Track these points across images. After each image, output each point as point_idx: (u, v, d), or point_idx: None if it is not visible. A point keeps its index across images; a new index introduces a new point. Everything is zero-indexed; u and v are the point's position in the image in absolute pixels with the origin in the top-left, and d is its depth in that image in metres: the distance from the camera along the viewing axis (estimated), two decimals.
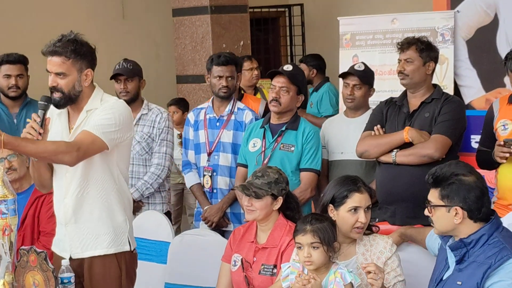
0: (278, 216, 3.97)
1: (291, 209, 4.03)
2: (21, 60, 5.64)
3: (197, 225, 5.17)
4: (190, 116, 5.27)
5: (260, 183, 3.94)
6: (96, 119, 3.69)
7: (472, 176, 3.29)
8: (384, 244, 3.61)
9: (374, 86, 5.07)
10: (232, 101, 5.15)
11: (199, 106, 5.35)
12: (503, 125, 4.52)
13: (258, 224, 4.01)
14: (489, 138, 4.51)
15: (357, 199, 3.59)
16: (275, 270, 3.86)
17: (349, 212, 3.57)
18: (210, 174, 5.07)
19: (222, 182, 5.05)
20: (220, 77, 5.09)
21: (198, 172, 5.19)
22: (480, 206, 3.25)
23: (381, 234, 3.73)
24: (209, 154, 5.09)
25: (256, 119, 5.09)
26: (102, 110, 3.72)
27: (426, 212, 3.36)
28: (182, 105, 7.19)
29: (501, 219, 3.45)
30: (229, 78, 5.10)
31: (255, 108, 5.47)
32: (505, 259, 3.14)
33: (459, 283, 3.22)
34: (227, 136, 5.07)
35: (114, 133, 3.72)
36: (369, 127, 4.71)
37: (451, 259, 3.34)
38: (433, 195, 3.32)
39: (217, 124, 5.12)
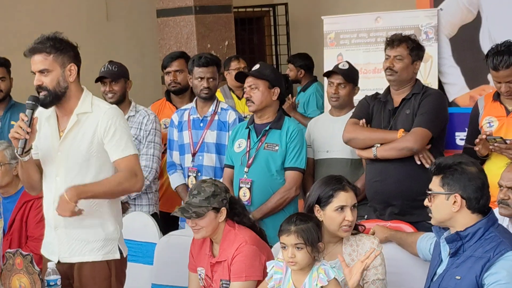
0: (223, 226, 3.90)
1: (237, 215, 3.97)
2: (2, 63, 5.62)
3: (182, 226, 5.17)
4: (174, 117, 5.27)
5: (198, 201, 3.84)
6: (119, 138, 3.72)
7: (475, 167, 3.33)
8: (370, 244, 3.61)
9: (359, 85, 5.09)
10: (215, 102, 5.16)
11: (182, 107, 5.35)
12: (489, 122, 4.56)
13: (210, 237, 3.95)
14: (475, 135, 4.53)
15: (343, 198, 3.59)
16: None
17: (336, 212, 3.57)
18: (194, 175, 5.07)
19: None
20: (202, 78, 5.10)
21: (183, 172, 5.18)
22: (479, 197, 3.27)
23: (367, 234, 3.74)
24: (194, 155, 5.09)
25: (240, 119, 5.09)
26: (112, 126, 3.72)
27: (426, 202, 3.37)
28: None
29: None
30: (211, 79, 5.11)
31: None
32: (503, 253, 3.17)
33: (458, 277, 3.23)
34: (211, 136, 5.07)
35: (131, 138, 3.84)
36: (357, 115, 4.73)
37: (444, 253, 3.36)
38: (434, 183, 3.34)
39: (201, 124, 5.13)
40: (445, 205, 3.30)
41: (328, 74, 5.05)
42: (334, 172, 4.29)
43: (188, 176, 5.11)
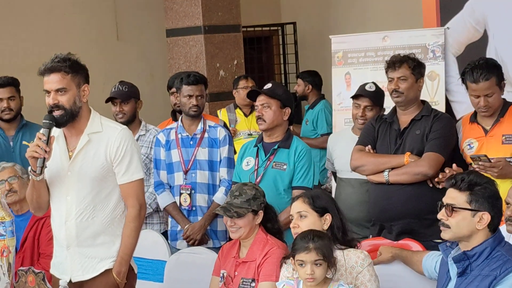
0: (258, 230, 4.06)
1: (270, 220, 4.12)
2: (10, 83, 5.67)
3: (174, 245, 5.14)
4: (160, 136, 5.24)
5: (239, 202, 4.02)
6: (129, 162, 3.80)
7: (496, 187, 3.33)
8: (355, 259, 3.63)
9: None
10: (202, 120, 5.20)
11: (168, 127, 5.36)
12: (469, 145, 4.58)
13: (241, 240, 4.08)
14: (459, 160, 4.55)
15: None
16: (253, 284, 3.93)
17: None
18: (188, 192, 5.09)
19: (201, 199, 5.08)
20: (190, 96, 5.14)
21: (171, 191, 5.19)
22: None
23: (355, 249, 3.72)
24: (186, 172, 5.12)
25: (229, 136, 5.17)
26: (122, 149, 3.79)
27: (440, 215, 3.33)
28: None
29: None
30: (199, 97, 5.15)
31: None
32: (510, 270, 3.17)
33: None
34: (202, 153, 5.11)
35: (141, 161, 3.94)
36: (362, 141, 4.74)
37: (453, 271, 3.36)
38: (459, 198, 3.29)
39: (191, 142, 5.15)
40: (469, 221, 3.28)
41: (355, 97, 5.07)
42: (356, 191, 4.29)
43: (181, 193, 5.11)
